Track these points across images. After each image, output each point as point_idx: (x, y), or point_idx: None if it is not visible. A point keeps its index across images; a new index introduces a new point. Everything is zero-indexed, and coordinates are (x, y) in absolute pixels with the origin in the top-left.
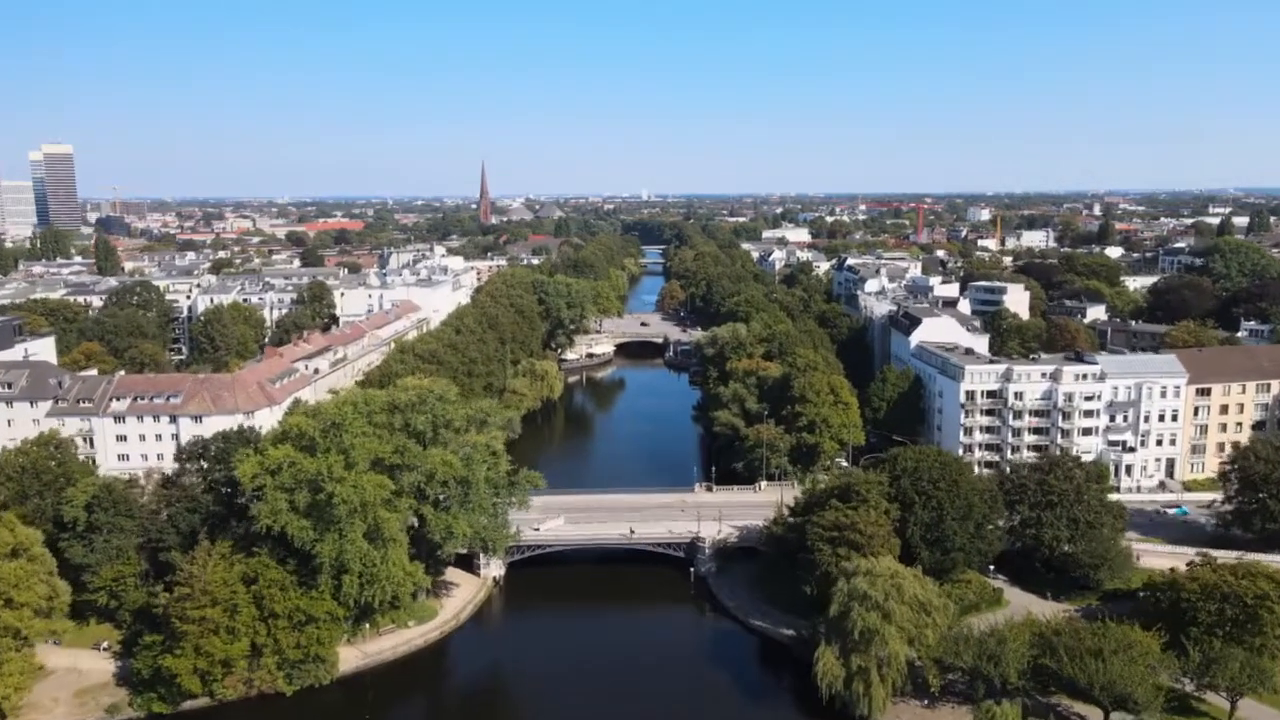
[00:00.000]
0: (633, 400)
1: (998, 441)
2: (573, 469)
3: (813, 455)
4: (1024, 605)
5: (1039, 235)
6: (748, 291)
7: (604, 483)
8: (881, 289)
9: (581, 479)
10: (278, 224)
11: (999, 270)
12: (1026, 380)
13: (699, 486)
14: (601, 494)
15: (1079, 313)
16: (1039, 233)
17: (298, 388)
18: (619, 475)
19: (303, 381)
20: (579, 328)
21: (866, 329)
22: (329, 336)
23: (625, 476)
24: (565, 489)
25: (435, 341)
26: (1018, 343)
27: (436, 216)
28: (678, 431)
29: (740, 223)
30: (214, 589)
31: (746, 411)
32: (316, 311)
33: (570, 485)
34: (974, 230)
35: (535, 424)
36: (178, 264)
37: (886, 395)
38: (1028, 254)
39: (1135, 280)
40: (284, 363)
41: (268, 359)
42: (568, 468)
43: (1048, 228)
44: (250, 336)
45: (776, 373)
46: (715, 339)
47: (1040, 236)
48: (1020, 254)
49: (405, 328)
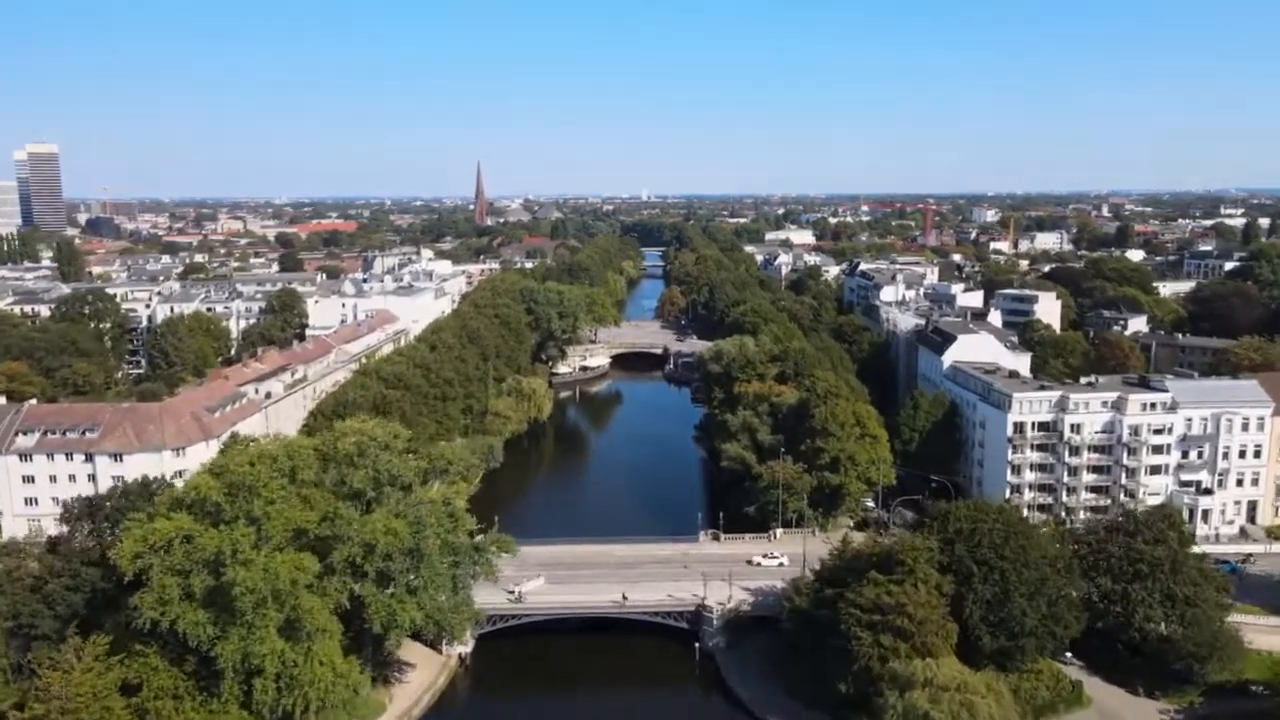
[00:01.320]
0: (630, 420)
1: (1051, 481)
2: (559, 506)
3: (836, 498)
4: (1111, 706)
5: (1052, 238)
6: (754, 299)
7: (594, 527)
8: (901, 298)
9: (569, 520)
10: (269, 225)
11: (1017, 275)
12: (1085, 410)
13: (704, 535)
14: (591, 543)
15: (1119, 324)
16: (1052, 235)
17: (243, 417)
18: (612, 517)
19: (249, 409)
20: (572, 338)
21: (889, 345)
22: (287, 354)
23: (619, 519)
24: (548, 538)
25: (404, 361)
26: (1060, 361)
27: (433, 218)
28: (679, 459)
29: (741, 224)
30: (79, 704)
31: (758, 444)
32: (287, 322)
33: (555, 530)
34: (983, 232)
35: (521, 449)
36: (149, 268)
37: (918, 425)
38: (1044, 257)
39: (1166, 286)
40: (228, 386)
41: (210, 381)
42: (554, 504)
43: (1060, 229)
44: (211, 350)
45: (792, 398)
46: (720, 354)
47: (1054, 239)
48: (1036, 257)
49: (379, 341)
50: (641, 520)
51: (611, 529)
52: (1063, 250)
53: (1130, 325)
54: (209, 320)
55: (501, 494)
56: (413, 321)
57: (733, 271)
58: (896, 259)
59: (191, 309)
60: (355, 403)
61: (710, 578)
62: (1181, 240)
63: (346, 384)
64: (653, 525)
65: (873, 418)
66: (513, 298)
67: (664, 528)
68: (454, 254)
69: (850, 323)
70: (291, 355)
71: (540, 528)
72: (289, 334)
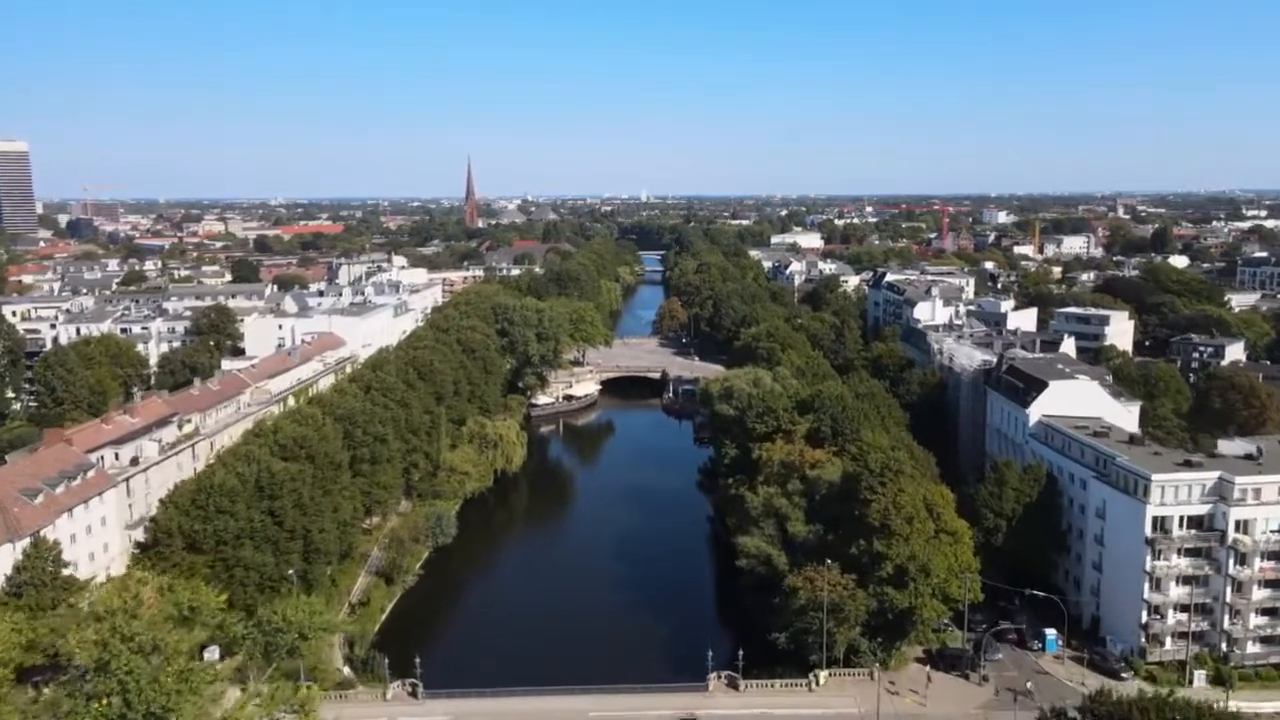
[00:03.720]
0: (619, 468)
1: (1209, 601)
2: (514, 617)
3: (903, 624)
4: None
5: (1079, 241)
6: (766, 317)
7: (559, 658)
8: (947, 320)
9: (525, 643)
10: (252, 227)
11: (1057, 285)
12: (1254, 499)
13: (714, 679)
14: (555, 696)
15: (1212, 351)
16: (1078, 238)
17: (84, 497)
18: (587, 639)
19: (97, 484)
20: (553, 363)
21: (945, 386)
22: (176, 398)
23: (595, 643)
24: (492, 688)
25: (318, 413)
26: (1170, 410)
27: (424, 220)
28: (681, 531)
29: (745, 226)
30: None
31: (787, 536)
32: (218, 344)
33: (504, 667)
34: (1003, 235)
35: (484, 509)
36: (86, 278)
37: (1005, 509)
38: (1076, 263)
39: (1235, 299)
40: (72, 454)
41: (47, 445)
42: (506, 616)
43: (1085, 233)
44: (117, 382)
45: (834, 472)
46: (731, 392)
47: (1081, 242)
48: (1068, 263)
49: (313, 374)
50: (627, 645)
51: (583, 662)
52: (1095, 255)
53: (1227, 353)
54: (119, 345)
55: (442, 588)
56: (363, 346)
57: (739, 281)
58: (927, 268)
59: (104, 330)
60: (220, 488)
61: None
62: (1226, 245)
63: (224, 454)
64: (642, 655)
65: (949, 504)
66: (483, 317)
67: (658, 660)
68: (437, 260)
69: (890, 354)
70: (184, 400)
71: (482, 659)
72: (216, 361)
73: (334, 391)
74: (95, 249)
